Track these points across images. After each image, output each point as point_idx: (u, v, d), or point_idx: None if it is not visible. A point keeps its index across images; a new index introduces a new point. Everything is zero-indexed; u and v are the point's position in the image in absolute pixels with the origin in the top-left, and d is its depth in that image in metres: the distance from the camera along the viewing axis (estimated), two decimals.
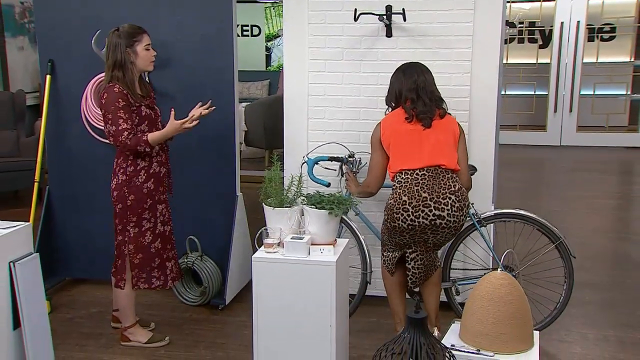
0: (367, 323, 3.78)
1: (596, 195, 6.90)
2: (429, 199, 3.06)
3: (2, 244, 2.78)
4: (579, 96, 9.42)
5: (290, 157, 3.95)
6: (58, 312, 3.95)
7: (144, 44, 3.28)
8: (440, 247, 3.32)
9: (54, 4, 4.09)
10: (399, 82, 3.27)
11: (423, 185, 3.09)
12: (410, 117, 3.18)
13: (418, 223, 3.07)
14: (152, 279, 3.45)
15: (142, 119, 3.29)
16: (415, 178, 3.11)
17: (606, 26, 9.52)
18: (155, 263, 3.44)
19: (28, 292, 2.89)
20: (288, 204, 2.95)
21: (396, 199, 3.11)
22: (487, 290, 2.61)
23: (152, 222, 3.40)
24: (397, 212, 3.09)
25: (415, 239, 3.18)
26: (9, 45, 7.41)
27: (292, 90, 3.95)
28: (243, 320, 3.84)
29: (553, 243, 3.45)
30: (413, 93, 3.20)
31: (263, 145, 7.91)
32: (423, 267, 3.27)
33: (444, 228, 3.11)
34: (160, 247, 3.46)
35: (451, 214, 3.08)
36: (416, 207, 3.06)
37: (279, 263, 2.86)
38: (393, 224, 3.13)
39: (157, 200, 3.41)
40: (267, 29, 10.62)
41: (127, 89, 3.23)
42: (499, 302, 2.57)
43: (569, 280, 3.47)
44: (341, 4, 3.76)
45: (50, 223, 4.32)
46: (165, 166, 3.47)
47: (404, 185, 3.12)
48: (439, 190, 3.08)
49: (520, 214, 3.50)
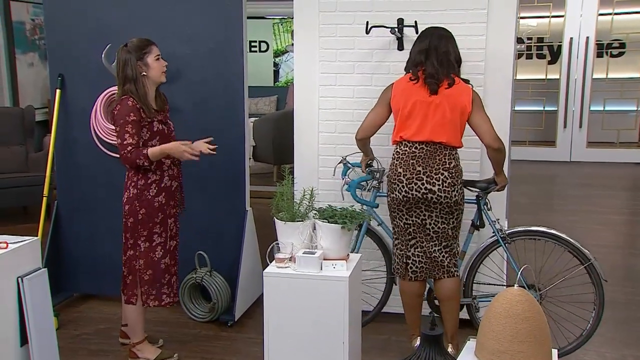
0: (379, 340, 3.72)
1: (607, 211, 6.82)
2: (422, 172, 3.13)
3: (11, 259, 2.75)
4: (589, 112, 9.37)
5: (301, 171, 3.92)
6: (65, 329, 3.90)
7: (154, 55, 3.26)
8: (441, 237, 3.22)
9: (65, 19, 4.09)
10: (414, 47, 3.25)
11: (419, 158, 3.15)
12: (415, 79, 3.16)
13: (411, 195, 3.14)
14: (162, 296, 3.40)
15: (154, 134, 3.25)
16: (412, 151, 3.16)
17: (615, 42, 9.50)
18: (165, 279, 3.40)
19: (36, 308, 2.86)
20: (300, 218, 2.91)
21: (393, 170, 3.22)
22: (503, 306, 2.55)
23: (164, 237, 3.36)
24: (394, 182, 3.19)
25: (414, 219, 3.18)
26: (19, 61, 7.45)
27: (302, 104, 3.92)
28: (252, 337, 3.78)
29: (582, 264, 3.33)
30: (422, 55, 3.17)
31: (271, 161, 7.89)
32: (424, 257, 3.23)
33: (435, 203, 3.14)
34: (170, 264, 3.42)
35: (442, 189, 3.11)
36: (410, 179, 3.13)
37: (291, 278, 2.81)
38: (392, 195, 3.22)
39: (168, 214, 3.37)
40: (275, 44, 10.65)
41: (140, 102, 3.19)
42: (516, 319, 2.50)
43: (598, 306, 3.32)
44: (352, 17, 3.74)
45: (59, 238, 4.28)
46: (177, 180, 3.43)
47: (400, 157, 3.20)
48: (433, 165, 3.13)
49: (548, 232, 3.39)
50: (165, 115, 3.40)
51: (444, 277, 3.27)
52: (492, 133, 3.17)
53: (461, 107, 3.15)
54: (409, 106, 3.16)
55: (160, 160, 3.26)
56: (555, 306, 3.42)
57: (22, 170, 6.45)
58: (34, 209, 6.35)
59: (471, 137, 3.33)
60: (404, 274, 3.30)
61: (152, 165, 3.21)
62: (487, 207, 3.46)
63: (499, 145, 3.18)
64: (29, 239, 2.91)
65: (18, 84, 7.44)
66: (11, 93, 7.39)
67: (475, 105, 3.17)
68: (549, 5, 9.20)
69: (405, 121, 3.18)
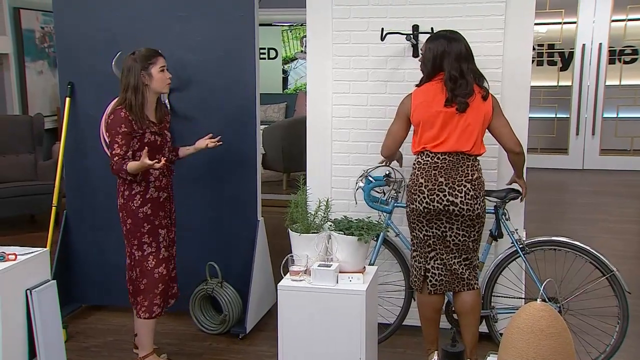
0: (395, 354, 3.63)
1: (621, 219, 6.71)
2: (445, 184, 3.04)
3: (19, 271, 2.71)
4: (601, 119, 9.28)
5: (314, 180, 3.85)
6: (74, 341, 3.83)
7: (159, 66, 3.23)
8: (461, 250, 3.12)
9: (75, 27, 4.05)
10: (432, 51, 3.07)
11: (441, 169, 3.06)
12: (449, 101, 3.02)
13: (433, 207, 3.04)
14: (154, 307, 3.33)
15: (143, 145, 3.20)
16: (435, 162, 3.07)
17: (627, 48, 9.41)
18: (159, 289, 3.34)
19: (45, 321, 2.80)
20: (315, 229, 2.84)
21: (414, 180, 3.12)
22: (526, 322, 2.45)
23: (154, 246, 3.31)
24: (415, 193, 3.10)
25: (434, 230, 3.09)
26: (29, 69, 7.44)
27: (315, 112, 3.85)
28: (264, 350, 3.71)
29: (604, 275, 3.24)
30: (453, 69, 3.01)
31: (281, 169, 7.84)
32: (444, 269, 3.14)
33: (457, 215, 3.04)
34: (165, 274, 3.35)
35: (464, 202, 3.02)
36: (432, 191, 3.04)
37: (306, 292, 2.74)
38: (412, 206, 3.12)
39: (157, 225, 3.31)
40: (284, 51, 10.62)
41: (133, 114, 3.16)
42: (540, 335, 2.41)
43: (622, 319, 3.22)
44: (366, 24, 3.68)
45: (67, 248, 4.23)
46: (166, 191, 3.37)
47: (422, 167, 3.10)
48: (456, 176, 3.04)
49: (569, 242, 3.31)
50: (164, 126, 3.34)
51: (464, 290, 3.18)
52: (513, 137, 3.13)
53: (484, 113, 3.07)
54: (431, 116, 3.07)
55: (148, 171, 3.22)
56: (577, 319, 3.33)
57: (31, 179, 6.42)
58: (42, 217, 6.33)
59: (488, 146, 3.25)
60: (422, 287, 3.22)
61: (137, 177, 3.18)
62: (505, 217, 3.38)
63: (520, 149, 3.16)
64: (38, 250, 2.86)
65: (27, 91, 7.44)
66: (20, 101, 7.39)
67: (495, 110, 3.11)
68: (562, 11, 9.13)
69: (428, 131, 3.09)
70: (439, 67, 3.07)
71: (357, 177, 3.62)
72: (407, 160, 3.72)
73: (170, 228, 3.44)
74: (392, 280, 3.70)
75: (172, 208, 3.47)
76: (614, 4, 8.94)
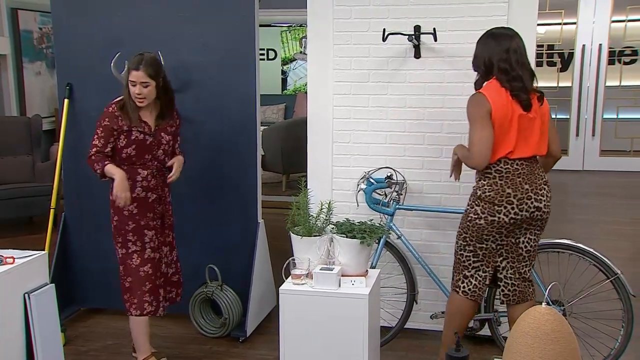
0: (396, 357, 3.60)
1: (621, 221, 6.69)
2: (530, 190, 2.89)
3: (17, 274, 2.68)
4: (601, 120, 9.26)
5: (314, 182, 3.82)
6: (73, 345, 3.80)
7: (130, 79, 3.19)
8: (532, 255, 3.04)
9: (74, 28, 4.02)
10: (489, 48, 2.91)
11: (523, 176, 2.89)
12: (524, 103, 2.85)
13: (520, 216, 2.89)
14: (144, 304, 3.28)
15: (130, 142, 3.21)
16: (515, 169, 2.89)
17: (627, 49, 9.39)
18: (146, 287, 3.29)
19: (43, 325, 2.77)
20: (317, 232, 2.80)
21: (497, 191, 2.88)
22: (530, 326, 2.42)
23: (139, 245, 3.29)
24: (500, 204, 2.88)
25: (509, 239, 2.97)
26: (27, 70, 7.40)
27: (316, 113, 3.82)
28: (264, 353, 3.67)
29: (608, 278, 3.20)
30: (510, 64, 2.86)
31: (280, 170, 7.80)
32: (518, 278, 3.03)
33: (537, 220, 2.94)
34: (151, 273, 3.30)
35: (546, 205, 2.93)
36: (521, 200, 2.88)
37: (308, 295, 2.70)
38: (492, 218, 2.90)
39: (143, 225, 3.28)
40: (283, 52, 10.59)
41: (123, 112, 3.21)
42: (545, 339, 2.38)
43: (627, 322, 3.18)
44: (367, 25, 3.65)
45: (66, 251, 4.19)
46: (156, 192, 3.33)
47: (504, 176, 2.89)
48: (535, 180, 2.91)
49: (573, 245, 3.27)
50: (162, 129, 3.30)
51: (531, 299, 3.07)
52: (559, 142, 3.08)
53: (543, 114, 2.95)
54: (507, 119, 2.85)
55: (136, 170, 3.24)
56: (581, 322, 3.29)
57: (29, 180, 6.38)
58: (40, 219, 6.29)
59: None
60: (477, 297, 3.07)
61: (103, 179, 3.21)
62: None
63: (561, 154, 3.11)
64: (36, 253, 2.83)
65: (25, 92, 7.39)
66: (18, 102, 7.34)
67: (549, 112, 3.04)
68: (561, 12, 9.11)
69: (506, 135, 2.86)
70: (494, 67, 2.90)
71: (358, 179, 3.59)
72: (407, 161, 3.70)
73: (161, 231, 3.38)
74: (393, 283, 3.67)
75: (167, 211, 3.43)
76: (613, 5, 8.92)
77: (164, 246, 3.43)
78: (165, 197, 3.41)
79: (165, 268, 3.44)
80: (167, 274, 3.47)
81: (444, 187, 3.67)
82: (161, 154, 3.31)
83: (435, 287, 3.54)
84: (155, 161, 3.30)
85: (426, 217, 3.71)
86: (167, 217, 3.44)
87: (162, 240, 3.41)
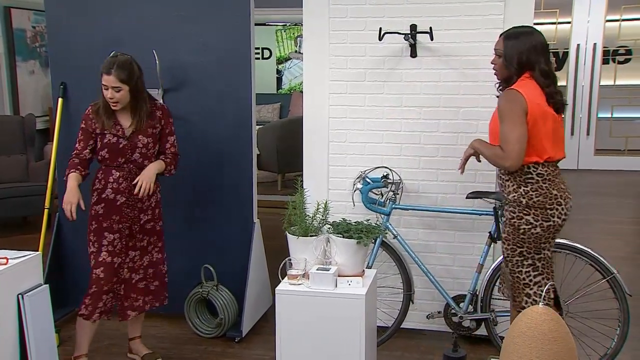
0: (392, 357, 3.59)
1: (616, 220, 6.70)
2: (566, 189, 2.86)
3: (11, 275, 2.65)
4: (596, 119, 9.28)
5: (310, 181, 3.80)
6: (67, 346, 3.76)
7: (103, 83, 3.15)
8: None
9: (68, 26, 3.99)
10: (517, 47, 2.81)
11: (559, 176, 2.86)
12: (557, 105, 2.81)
13: (567, 217, 2.85)
14: (81, 306, 3.22)
15: (103, 145, 3.20)
16: (553, 171, 2.83)
17: (621, 49, 9.41)
18: (91, 289, 3.21)
19: (37, 326, 2.75)
20: (313, 232, 2.79)
21: (546, 195, 2.79)
22: (528, 326, 2.43)
23: (96, 247, 3.24)
24: (551, 207, 2.80)
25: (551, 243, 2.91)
26: (20, 69, 7.36)
27: (312, 112, 3.80)
28: (260, 353, 3.66)
29: (604, 277, 3.20)
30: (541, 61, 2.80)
31: (275, 169, 7.79)
32: None
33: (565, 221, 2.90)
34: (102, 277, 3.20)
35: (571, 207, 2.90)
36: (566, 200, 2.84)
37: (304, 296, 2.69)
38: (547, 224, 2.81)
39: (105, 227, 3.22)
40: (278, 51, 10.57)
41: (95, 114, 3.21)
42: (542, 339, 2.38)
43: (623, 322, 3.18)
44: (364, 24, 3.63)
45: (60, 251, 4.17)
46: (125, 195, 3.23)
47: (547, 179, 2.80)
48: (563, 179, 2.89)
49: (569, 245, 3.26)
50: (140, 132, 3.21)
51: None
52: None
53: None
54: (542, 119, 2.77)
55: (110, 171, 3.22)
56: (577, 322, 3.29)
57: (23, 180, 6.34)
58: (34, 218, 6.25)
59: None
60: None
61: None
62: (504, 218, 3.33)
63: None
64: (30, 254, 2.81)
65: (18, 91, 7.35)
66: (11, 101, 7.30)
67: None
68: (556, 11, 9.12)
69: (544, 136, 2.78)
70: (527, 65, 2.81)
71: (354, 178, 3.58)
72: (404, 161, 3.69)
73: (130, 235, 3.26)
74: (389, 283, 3.66)
75: (147, 216, 3.31)
76: (608, 4, 8.93)
77: (132, 251, 3.31)
78: (142, 201, 3.28)
79: (127, 273, 3.31)
80: (131, 280, 3.33)
81: (441, 186, 3.67)
82: (138, 157, 3.22)
83: (432, 286, 3.54)
84: (131, 164, 3.22)
85: (422, 217, 3.70)
86: (145, 221, 3.32)
87: (131, 245, 3.29)
